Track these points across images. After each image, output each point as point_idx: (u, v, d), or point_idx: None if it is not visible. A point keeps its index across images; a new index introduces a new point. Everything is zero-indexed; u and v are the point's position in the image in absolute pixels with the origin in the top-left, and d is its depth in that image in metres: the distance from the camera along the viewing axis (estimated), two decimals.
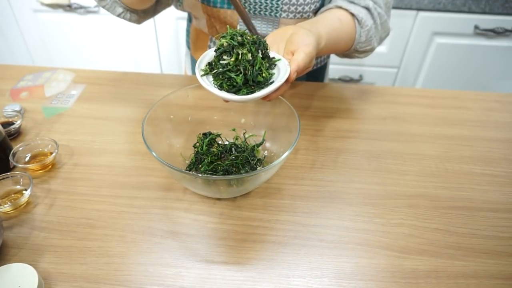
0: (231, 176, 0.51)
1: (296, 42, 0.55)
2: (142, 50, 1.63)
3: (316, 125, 0.73)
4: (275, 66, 0.53)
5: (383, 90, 0.85)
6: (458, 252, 0.51)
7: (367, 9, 0.69)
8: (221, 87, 0.50)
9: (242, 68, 0.48)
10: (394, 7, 1.33)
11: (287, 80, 0.50)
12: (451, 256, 0.50)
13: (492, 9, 1.33)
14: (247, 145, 0.62)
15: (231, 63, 0.49)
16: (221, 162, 0.57)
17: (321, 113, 0.76)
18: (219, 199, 0.57)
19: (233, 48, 0.49)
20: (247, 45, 0.49)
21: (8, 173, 0.57)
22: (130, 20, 0.80)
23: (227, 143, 0.62)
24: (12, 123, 0.69)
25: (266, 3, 0.73)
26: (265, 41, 0.52)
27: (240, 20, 0.77)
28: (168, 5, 0.84)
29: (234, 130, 0.65)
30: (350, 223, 0.54)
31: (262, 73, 0.50)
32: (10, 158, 0.60)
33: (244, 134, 0.63)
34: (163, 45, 1.61)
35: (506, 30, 1.37)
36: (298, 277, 0.48)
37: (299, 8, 0.74)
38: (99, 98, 0.79)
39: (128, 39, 1.60)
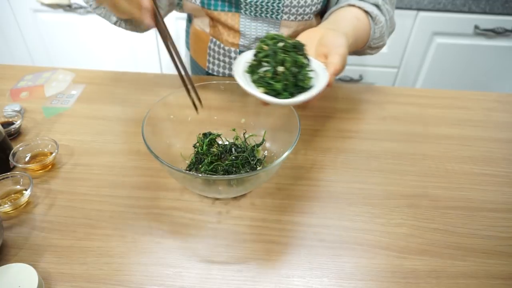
0: (231, 176, 0.51)
1: (328, 44, 0.54)
2: (142, 50, 1.63)
3: (316, 125, 0.73)
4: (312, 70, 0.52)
5: (383, 90, 0.85)
6: (458, 252, 0.51)
7: (377, 6, 0.70)
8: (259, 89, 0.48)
9: (283, 77, 0.46)
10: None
11: (327, 85, 0.49)
12: (451, 256, 0.50)
13: (492, 9, 1.33)
14: (247, 145, 0.62)
15: (271, 73, 0.47)
16: (221, 162, 0.57)
17: (321, 113, 0.76)
18: (219, 199, 0.57)
19: (275, 53, 0.47)
20: (291, 53, 0.47)
21: (8, 173, 0.57)
22: (126, 29, 0.80)
23: (227, 143, 0.62)
24: (12, 123, 0.69)
25: (267, 5, 0.73)
26: (304, 45, 0.50)
27: (242, 21, 0.77)
28: (170, 11, 0.84)
29: (234, 130, 0.65)
30: (350, 223, 0.54)
31: (305, 80, 0.48)
32: (10, 158, 0.60)
33: (244, 134, 0.63)
34: (163, 45, 1.61)
35: (506, 30, 1.37)
36: (298, 277, 0.48)
37: (300, 10, 0.74)
38: (99, 98, 0.79)
39: (128, 39, 1.60)
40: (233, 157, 0.58)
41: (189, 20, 0.91)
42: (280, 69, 0.46)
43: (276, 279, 0.47)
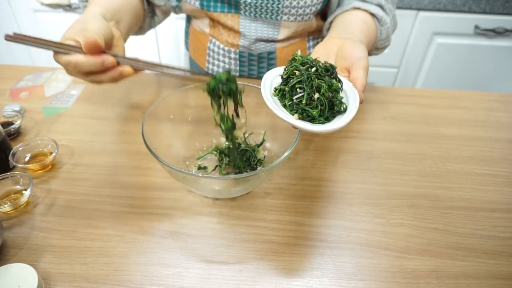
0: (231, 176, 0.50)
1: (349, 58, 0.52)
2: (142, 50, 1.63)
3: None
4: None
5: (383, 90, 0.85)
6: (458, 252, 0.51)
7: (380, 6, 0.70)
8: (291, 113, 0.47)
9: (318, 103, 0.45)
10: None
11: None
12: (451, 256, 0.50)
13: (493, 9, 1.33)
14: (247, 145, 0.62)
15: (306, 99, 0.45)
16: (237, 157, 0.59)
17: None
18: (219, 199, 0.57)
19: (309, 79, 0.45)
20: (325, 78, 0.46)
21: (8, 173, 0.57)
22: None
23: (227, 143, 0.62)
24: (12, 123, 0.69)
25: (267, 6, 0.73)
26: (335, 67, 0.48)
27: (242, 22, 0.77)
28: (164, 19, 0.85)
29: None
30: (350, 223, 0.54)
31: (341, 105, 0.46)
32: (10, 158, 0.60)
33: (244, 134, 0.63)
34: (163, 45, 1.61)
35: (507, 30, 1.37)
36: (298, 277, 0.48)
37: (300, 11, 0.74)
38: (99, 98, 0.79)
39: (127, 39, 1.60)
40: (241, 154, 0.59)
41: (188, 20, 0.91)
42: (316, 95, 0.45)
43: (276, 279, 0.47)
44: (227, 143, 0.62)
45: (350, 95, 0.48)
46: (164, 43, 1.60)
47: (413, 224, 0.54)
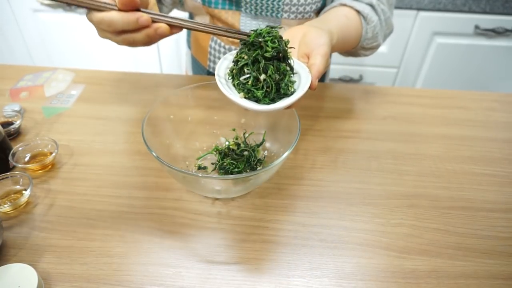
0: (231, 176, 0.50)
1: (310, 44, 0.53)
2: (142, 50, 1.63)
3: (316, 125, 0.73)
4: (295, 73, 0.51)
5: (383, 90, 0.85)
6: (458, 252, 0.51)
7: (371, 5, 0.70)
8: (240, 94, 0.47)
9: (264, 84, 0.46)
10: (394, 7, 1.34)
11: (309, 88, 0.48)
12: (451, 256, 0.50)
13: (493, 9, 1.34)
14: (247, 145, 0.62)
15: (252, 81, 0.46)
16: (235, 157, 0.59)
17: (321, 113, 0.76)
18: (219, 199, 0.57)
19: (254, 63, 0.46)
20: (274, 61, 0.46)
21: (8, 173, 0.57)
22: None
23: (227, 143, 0.62)
24: (12, 123, 0.69)
25: (267, 3, 0.73)
26: (287, 50, 0.48)
27: (242, 20, 0.77)
28: (172, 9, 0.85)
29: (234, 130, 0.65)
30: (350, 223, 0.54)
31: (288, 87, 0.47)
32: (10, 158, 0.60)
33: (244, 134, 0.63)
34: (163, 45, 1.61)
35: (507, 30, 1.37)
36: (298, 277, 0.48)
37: (300, 9, 0.74)
38: (99, 98, 0.79)
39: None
40: (239, 154, 0.59)
41: (190, 18, 0.91)
42: (262, 77, 0.45)
43: (276, 279, 0.47)
44: (227, 143, 0.62)
45: (303, 80, 0.48)
46: (164, 43, 1.60)
47: (413, 224, 0.54)
